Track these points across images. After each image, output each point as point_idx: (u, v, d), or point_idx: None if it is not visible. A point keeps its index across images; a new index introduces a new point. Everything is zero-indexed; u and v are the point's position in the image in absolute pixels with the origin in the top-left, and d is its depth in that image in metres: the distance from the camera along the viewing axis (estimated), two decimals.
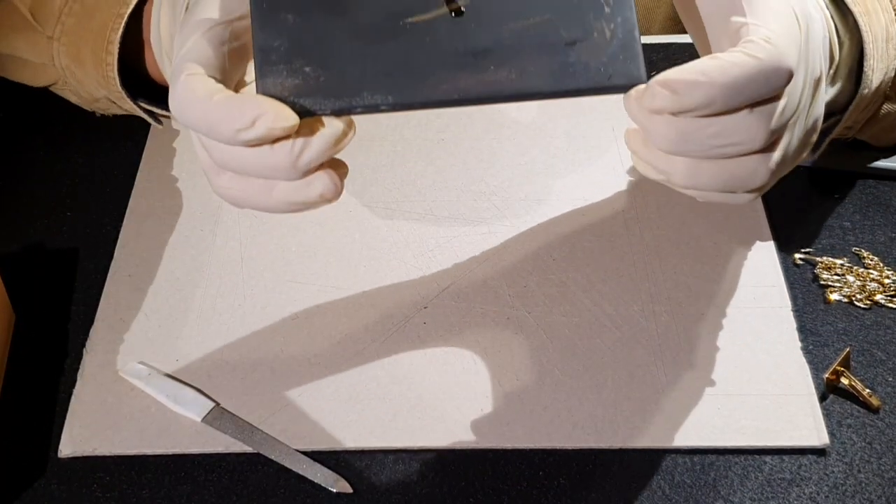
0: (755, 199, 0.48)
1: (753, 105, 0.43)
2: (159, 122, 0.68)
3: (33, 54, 0.68)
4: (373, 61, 0.44)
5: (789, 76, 0.43)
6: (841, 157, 0.71)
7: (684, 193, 0.47)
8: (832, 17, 0.56)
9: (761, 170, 0.45)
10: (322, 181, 0.44)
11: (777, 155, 0.45)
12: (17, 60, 0.71)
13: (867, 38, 0.57)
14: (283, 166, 0.43)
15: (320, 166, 0.44)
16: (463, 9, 0.44)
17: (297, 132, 0.43)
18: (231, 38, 0.46)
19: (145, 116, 0.67)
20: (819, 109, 0.49)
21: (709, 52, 0.49)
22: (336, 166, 0.45)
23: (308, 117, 0.43)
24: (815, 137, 0.49)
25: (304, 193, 0.44)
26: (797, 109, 0.45)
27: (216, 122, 0.42)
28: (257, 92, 0.44)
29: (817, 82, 0.48)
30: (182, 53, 0.45)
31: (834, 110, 0.61)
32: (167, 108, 0.66)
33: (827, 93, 0.58)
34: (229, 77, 0.45)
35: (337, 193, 0.45)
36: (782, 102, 0.44)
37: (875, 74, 0.58)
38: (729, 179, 0.45)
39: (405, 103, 0.44)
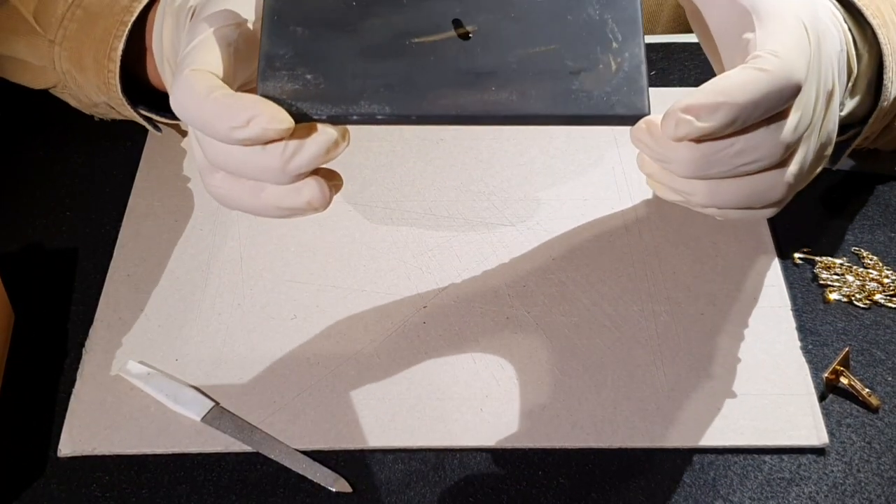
0: (773, 215, 0.48)
1: (769, 120, 0.43)
2: (158, 130, 0.68)
3: (34, 57, 0.68)
4: (375, 74, 0.44)
5: (798, 87, 0.43)
6: (861, 161, 0.71)
7: (703, 212, 0.47)
8: (850, 30, 0.56)
9: (779, 184, 0.45)
10: (310, 188, 0.44)
11: (794, 168, 0.45)
12: (18, 62, 0.71)
13: (886, 50, 0.57)
14: (274, 168, 0.43)
15: (312, 174, 0.44)
16: (470, 34, 0.44)
17: (291, 136, 0.43)
18: (239, 40, 0.46)
19: (144, 123, 0.67)
20: (833, 123, 0.49)
21: (721, 66, 0.49)
22: (330, 177, 0.45)
23: (304, 122, 0.43)
24: (829, 150, 0.49)
25: (292, 199, 0.44)
26: (811, 122, 0.45)
27: (212, 118, 0.42)
28: (258, 93, 0.44)
29: (830, 95, 0.48)
30: (188, 50, 0.45)
31: (853, 122, 0.61)
32: (166, 116, 0.66)
33: (847, 105, 0.58)
34: (232, 78, 0.46)
35: (325, 203, 0.45)
36: (796, 116, 0.44)
37: (894, 86, 0.58)
38: (749, 196, 0.45)
39: (402, 115, 0.44)
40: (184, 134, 0.75)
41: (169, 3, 0.56)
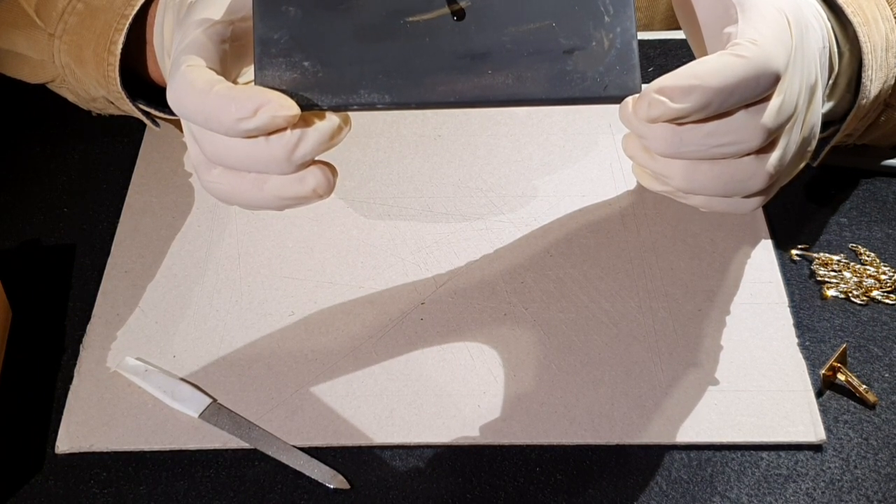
0: (757, 208, 0.48)
1: (748, 105, 0.43)
2: (156, 125, 0.68)
3: (33, 51, 0.68)
4: (371, 59, 0.44)
5: (776, 76, 0.43)
6: (848, 157, 0.71)
7: (687, 203, 0.47)
8: (833, 28, 0.56)
9: (759, 172, 0.45)
10: (315, 176, 0.44)
11: (775, 156, 0.45)
12: (16, 56, 0.70)
13: (866, 48, 0.57)
14: (278, 159, 0.43)
15: (313, 162, 0.44)
16: (464, 10, 0.44)
17: (294, 126, 0.43)
18: (232, 37, 0.46)
19: (142, 118, 0.67)
20: (815, 117, 0.49)
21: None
22: (326, 167, 0.45)
23: (305, 112, 0.43)
24: (812, 145, 0.50)
25: (297, 188, 0.44)
26: (794, 113, 0.46)
27: (216, 112, 0.42)
28: (255, 83, 0.44)
29: (813, 89, 0.48)
30: (182, 47, 0.45)
31: (833, 119, 0.61)
32: (165, 111, 0.66)
33: (827, 102, 0.58)
34: (227, 74, 0.46)
35: (330, 189, 0.45)
36: (777, 101, 0.44)
37: (874, 84, 0.59)
38: (727, 182, 0.45)
39: (402, 103, 0.44)
40: (182, 129, 0.75)
41: None
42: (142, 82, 0.67)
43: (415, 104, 0.44)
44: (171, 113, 0.67)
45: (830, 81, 0.57)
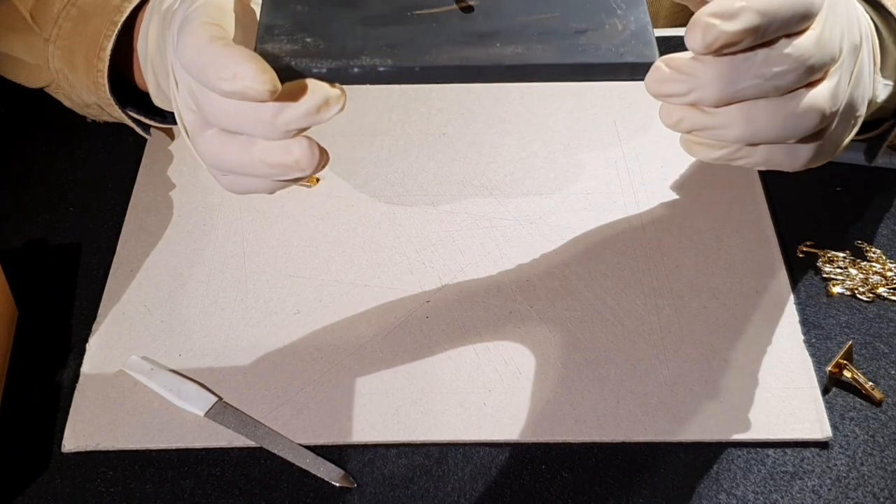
0: (810, 163, 0.47)
1: (790, 35, 0.42)
2: (147, 133, 0.67)
3: (29, 55, 0.68)
4: (376, 37, 0.43)
5: (812, 4, 0.42)
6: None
7: (746, 163, 0.46)
8: (876, 24, 0.56)
9: (814, 107, 0.44)
10: (301, 146, 0.44)
11: (826, 87, 0.44)
12: (14, 60, 0.70)
13: None
14: (263, 120, 0.43)
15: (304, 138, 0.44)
16: (472, 4, 0.44)
17: (284, 96, 0.42)
18: (239, 11, 0.46)
19: (132, 125, 0.66)
20: (863, 82, 0.48)
21: None
22: (315, 144, 0.45)
23: (303, 77, 0.43)
24: (860, 112, 0.49)
25: (281, 156, 0.44)
26: (839, 56, 0.45)
27: (205, 66, 0.42)
28: (254, 50, 0.43)
29: (857, 49, 0.47)
30: (193, 7, 0.45)
31: (885, 116, 0.60)
32: (155, 118, 0.66)
33: (883, 88, 0.57)
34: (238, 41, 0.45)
35: (313, 164, 0.44)
36: (815, 32, 0.43)
37: None
38: (786, 118, 0.44)
39: (405, 67, 0.43)
40: (173, 137, 0.74)
41: (157, 5, 0.56)
42: (133, 88, 0.67)
43: (419, 69, 0.43)
44: (162, 120, 0.67)
45: (877, 76, 0.56)
